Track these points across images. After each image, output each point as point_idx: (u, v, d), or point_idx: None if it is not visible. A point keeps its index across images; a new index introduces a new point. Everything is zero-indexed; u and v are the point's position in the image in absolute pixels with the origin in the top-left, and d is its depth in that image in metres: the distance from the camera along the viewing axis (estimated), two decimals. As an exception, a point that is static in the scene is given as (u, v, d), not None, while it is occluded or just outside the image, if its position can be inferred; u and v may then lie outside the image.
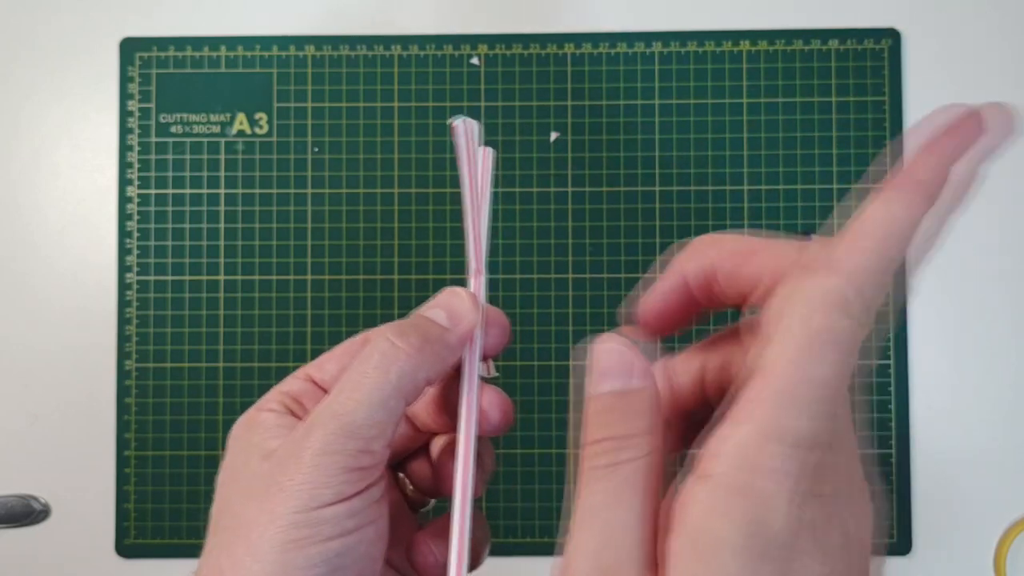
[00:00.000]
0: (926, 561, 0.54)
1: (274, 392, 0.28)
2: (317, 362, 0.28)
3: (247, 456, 0.26)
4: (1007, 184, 0.55)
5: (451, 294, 0.28)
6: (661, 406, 0.23)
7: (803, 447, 0.19)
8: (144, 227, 0.55)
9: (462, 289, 0.28)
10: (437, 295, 0.27)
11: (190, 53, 0.56)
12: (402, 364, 0.25)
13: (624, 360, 0.23)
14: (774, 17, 0.56)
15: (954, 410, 0.54)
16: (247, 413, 0.28)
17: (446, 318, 0.27)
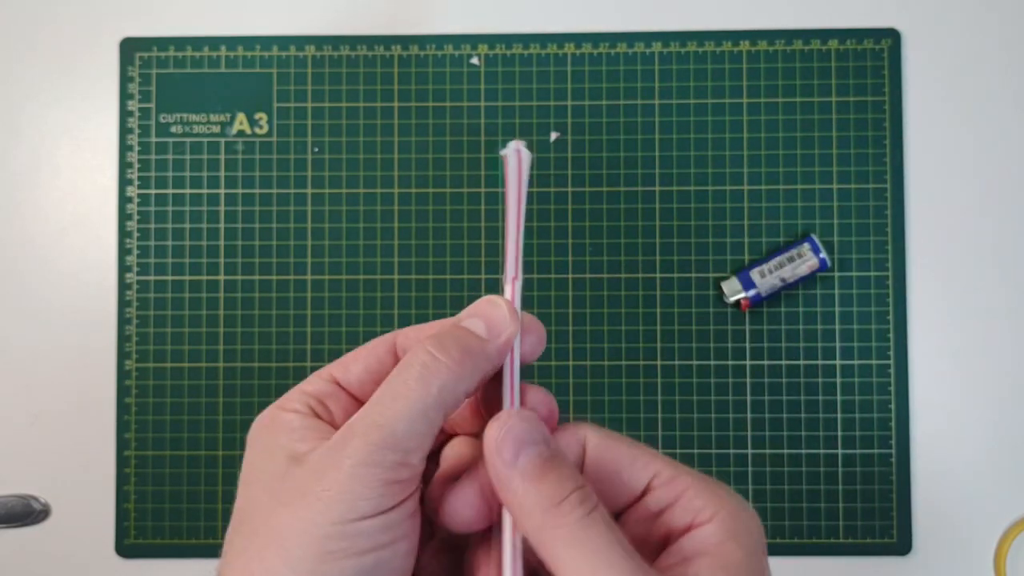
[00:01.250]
0: (926, 561, 0.54)
1: (296, 392, 0.27)
2: (341, 362, 0.28)
3: (272, 457, 0.25)
4: (1007, 184, 0.55)
5: (490, 304, 0.27)
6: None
7: None
8: (144, 227, 0.55)
9: (500, 298, 0.27)
10: (475, 303, 0.27)
11: (190, 53, 0.56)
12: (444, 377, 0.25)
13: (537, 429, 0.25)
14: (774, 17, 0.56)
15: (954, 410, 0.54)
16: (268, 411, 0.27)
17: (485, 329, 0.26)
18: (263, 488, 0.25)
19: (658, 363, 0.54)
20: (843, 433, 0.54)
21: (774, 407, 0.54)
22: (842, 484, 0.54)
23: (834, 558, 0.54)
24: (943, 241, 0.55)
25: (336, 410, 0.27)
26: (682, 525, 0.25)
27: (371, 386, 0.27)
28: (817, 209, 0.55)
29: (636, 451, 0.26)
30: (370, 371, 0.27)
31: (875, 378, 0.54)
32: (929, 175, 0.55)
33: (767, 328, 0.54)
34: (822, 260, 0.53)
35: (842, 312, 0.54)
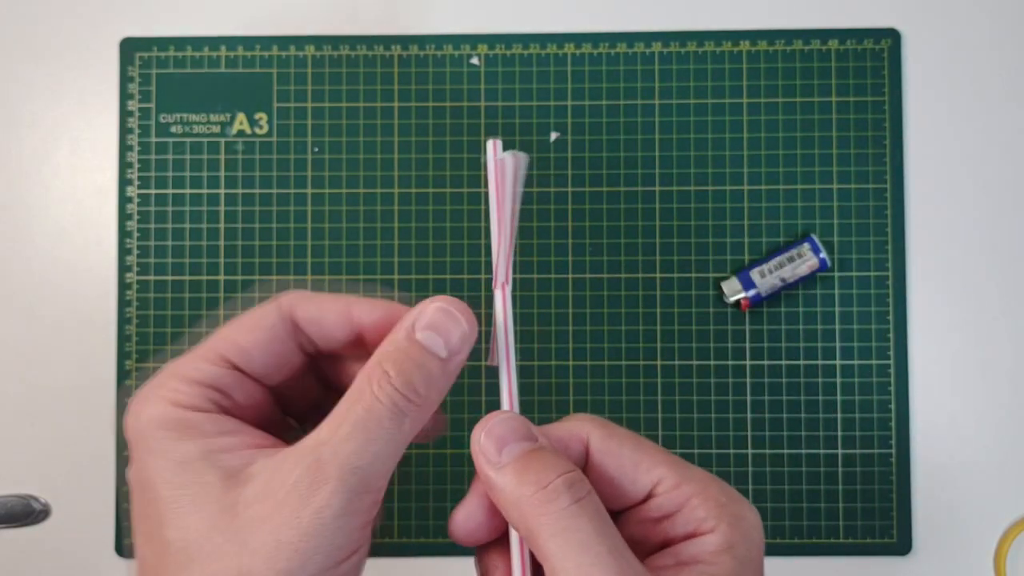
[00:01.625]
0: (926, 561, 0.54)
1: (187, 383, 0.25)
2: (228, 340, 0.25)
3: (196, 472, 0.23)
4: (1007, 184, 0.55)
5: (446, 315, 0.25)
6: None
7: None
8: (144, 227, 0.55)
9: (452, 306, 0.25)
10: (428, 311, 0.25)
11: (190, 53, 0.56)
12: (414, 415, 0.24)
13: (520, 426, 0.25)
14: (774, 17, 0.56)
15: (954, 410, 0.54)
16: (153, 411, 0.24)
17: (444, 347, 0.25)
18: (202, 520, 0.22)
19: (658, 363, 0.54)
20: (843, 433, 0.54)
21: (774, 407, 0.54)
22: (842, 484, 0.54)
23: (834, 558, 0.54)
24: (943, 241, 0.55)
25: (241, 398, 0.25)
26: (682, 534, 0.25)
27: (274, 368, 0.26)
28: (817, 209, 0.55)
29: (640, 455, 0.25)
30: (271, 351, 0.25)
31: (875, 378, 0.54)
32: (929, 175, 0.55)
33: (767, 328, 0.54)
34: (822, 260, 0.53)
35: (842, 312, 0.54)
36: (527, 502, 0.23)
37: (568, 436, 0.26)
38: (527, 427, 0.25)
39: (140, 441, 0.24)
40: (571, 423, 0.26)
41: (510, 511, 0.23)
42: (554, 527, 0.22)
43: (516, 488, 0.23)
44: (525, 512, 0.23)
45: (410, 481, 0.54)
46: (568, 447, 0.26)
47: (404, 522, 0.54)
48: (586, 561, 0.22)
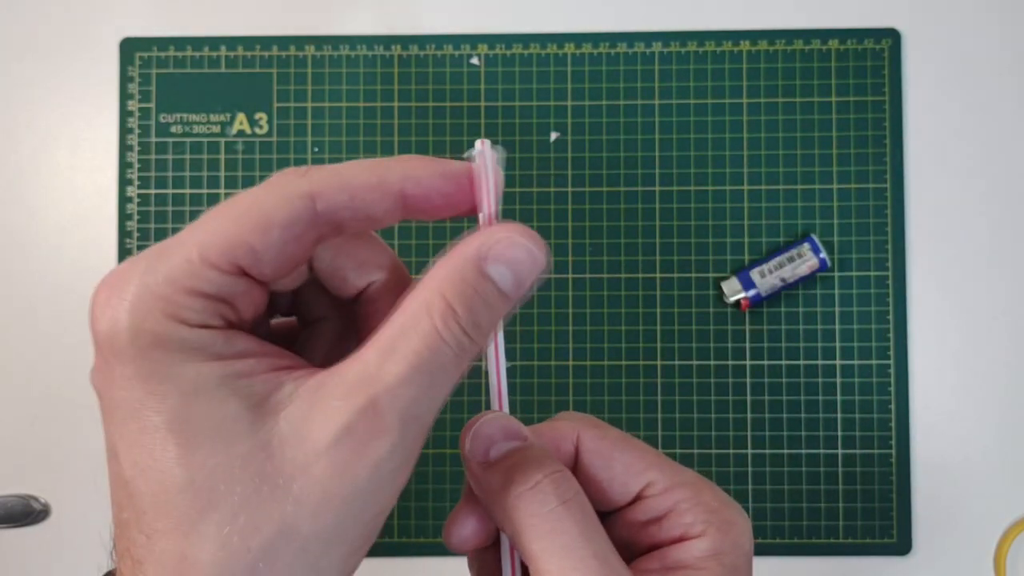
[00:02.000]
0: (926, 561, 0.54)
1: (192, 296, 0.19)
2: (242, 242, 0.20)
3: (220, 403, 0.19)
4: (1007, 184, 0.55)
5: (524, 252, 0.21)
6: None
7: None
8: (144, 227, 0.55)
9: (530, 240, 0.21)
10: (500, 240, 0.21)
11: (190, 53, 0.56)
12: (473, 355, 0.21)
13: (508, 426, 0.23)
14: (774, 17, 0.56)
15: (954, 410, 0.54)
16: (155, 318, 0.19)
17: (514, 287, 0.21)
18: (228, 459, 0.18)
19: (658, 363, 0.54)
20: (843, 433, 0.54)
21: (774, 407, 0.54)
22: (842, 484, 0.54)
23: (834, 558, 0.54)
24: (943, 241, 0.55)
25: (246, 311, 0.20)
26: (670, 538, 0.25)
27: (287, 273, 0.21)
28: (817, 209, 0.55)
29: (630, 456, 0.25)
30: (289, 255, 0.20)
31: (875, 378, 0.54)
32: (929, 175, 0.55)
33: (767, 328, 0.54)
34: (822, 260, 0.53)
35: (842, 312, 0.54)
36: (513, 502, 0.22)
37: (558, 436, 0.25)
38: (516, 426, 0.24)
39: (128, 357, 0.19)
40: (562, 423, 0.25)
41: (496, 511, 0.23)
42: (539, 529, 0.22)
43: (502, 487, 0.22)
44: (511, 512, 0.22)
45: (410, 481, 0.54)
46: (558, 447, 0.25)
47: (404, 522, 0.54)
48: (568, 565, 0.21)
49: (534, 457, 0.23)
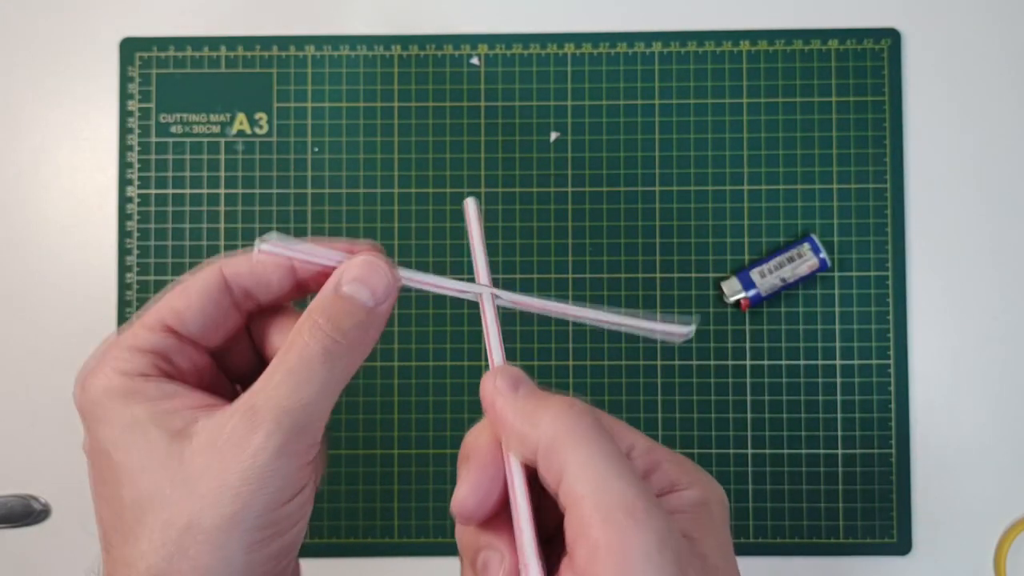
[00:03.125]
0: (926, 561, 0.54)
1: (130, 351, 0.26)
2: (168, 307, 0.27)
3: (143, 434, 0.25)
4: (1007, 184, 0.55)
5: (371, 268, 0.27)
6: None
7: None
8: (144, 227, 0.55)
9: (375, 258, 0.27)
10: (352, 263, 0.27)
11: (190, 53, 0.56)
12: (344, 358, 0.26)
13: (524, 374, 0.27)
14: (774, 17, 0.56)
15: (954, 410, 0.54)
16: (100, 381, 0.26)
17: (371, 296, 0.27)
18: (149, 472, 0.24)
19: (658, 363, 0.54)
20: (843, 433, 0.54)
21: (774, 407, 0.54)
22: (842, 484, 0.54)
23: (834, 558, 0.54)
24: (943, 241, 0.55)
25: (181, 363, 0.27)
26: (660, 490, 0.26)
27: (213, 331, 0.27)
28: (817, 209, 0.55)
29: (613, 423, 0.27)
30: (208, 315, 0.27)
31: (875, 378, 0.54)
32: (929, 175, 0.55)
33: (767, 328, 0.54)
34: (822, 260, 0.53)
35: (842, 312, 0.54)
36: (553, 418, 0.24)
37: None
38: (528, 376, 0.27)
39: (90, 411, 0.26)
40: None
41: (529, 432, 0.24)
42: (581, 438, 0.23)
43: (540, 408, 0.24)
44: (549, 428, 0.24)
45: (410, 481, 0.54)
46: None
47: (404, 522, 0.54)
48: (613, 473, 0.22)
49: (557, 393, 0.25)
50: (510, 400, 0.25)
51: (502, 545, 0.25)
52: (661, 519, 0.22)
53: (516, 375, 0.26)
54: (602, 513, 0.22)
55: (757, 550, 0.54)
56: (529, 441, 0.24)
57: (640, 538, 0.21)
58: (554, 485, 0.23)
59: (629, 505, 0.22)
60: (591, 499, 0.22)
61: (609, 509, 0.22)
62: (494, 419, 0.26)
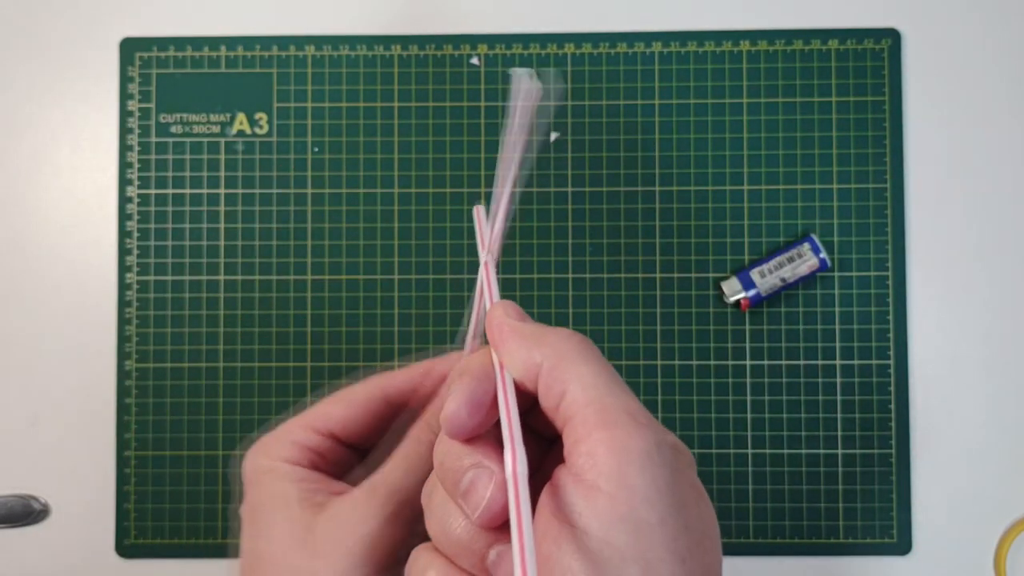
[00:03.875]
0: (926, 561, 0.54)
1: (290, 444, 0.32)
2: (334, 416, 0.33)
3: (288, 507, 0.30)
4: (1007, 184, 0.55)
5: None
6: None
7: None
8: (144, 227, 0.55)
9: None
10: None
11: (190, 53, 0.56)
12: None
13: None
14: (774, 17, 0.56)
15: (954, 410, 0.54)
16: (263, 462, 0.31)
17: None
18: (286, 535, 0.29)
19: (658, 363, 0.54)
20: (843, 433, 0.54)
21: (774, 407, 0.54)
22: (842, 484, 0.54)
23: (834, 558, 0.54)
24: (943, 241, 0.55)
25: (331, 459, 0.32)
26: None
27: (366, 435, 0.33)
28: (817, 209, 0.55)
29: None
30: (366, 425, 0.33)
31: (875, 378, 0.54)
32: (929, 175, 0.55)
33: (767, 328, 0.54)
34: (822, 260, 0.53)
35: (842, 312, 0.54)
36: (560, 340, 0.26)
37: None
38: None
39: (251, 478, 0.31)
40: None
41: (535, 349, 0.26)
42: (589, 356, 0.26)
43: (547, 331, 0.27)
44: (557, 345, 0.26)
45: (410, 481, 0.54)
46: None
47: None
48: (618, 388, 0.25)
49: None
50: (519, 325, 0.27)
51: (491, 462, 0.25)
52: (660, 428, 0.24)
53: (521, 310, 0.29)
54: (606, 416, 0.23)
55: (757, 550, 0.54)
56: (534, 360, 0.26)
57: (641, 436, 0.23)
58: (556, 400, 0.25)
59: (631, 410, 0.24)
60: (595, 405, 0.24)
61: (612, 412, 0.24)
62: (499, 342, 0.27)
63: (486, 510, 0.24)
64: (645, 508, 0.22)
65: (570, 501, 0.23)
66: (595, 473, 0.22)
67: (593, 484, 0.22)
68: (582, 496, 0.22)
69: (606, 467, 0.22)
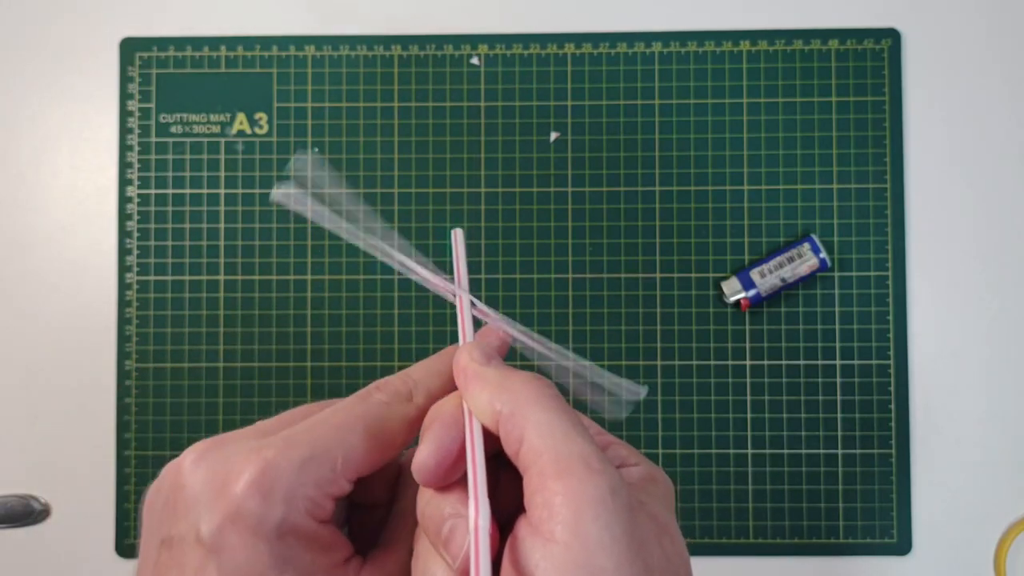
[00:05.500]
0: (926, 561, 0.54)
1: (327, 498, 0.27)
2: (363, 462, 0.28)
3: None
4: (1007, 184, 0.55)
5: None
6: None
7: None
8: (144, 227, 0.55)
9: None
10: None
11: (190, 53, 0.56)
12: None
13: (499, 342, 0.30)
14: (774, 17, 0.56)
15: (954, 410, 0.54)
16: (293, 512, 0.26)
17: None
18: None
19: (658, 363, 0.54)
20: (843, 433, 0.54)
21: (774, 407, 0.54)
22: (842, 484, 0.54)
23: (834, 558, 0.54)
24: (943, 241, 0.55)
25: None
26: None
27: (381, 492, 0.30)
28: (817, 209, 0.55)
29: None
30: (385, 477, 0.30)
31: (875, 378, 0.54)
32: (929, 175, 0.55)
33: (767, 328, 0.54)
34: (822, 260, 0.53)
35: (842, 312, 0.54)
36: (522, 385, 0.26)
37: None
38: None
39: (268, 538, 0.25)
40: None
41: (498, 396, 0.26)
42: (547, 403, 0.25)
43: (510, 376, 0.26)
44: (517, 393, 0.25)
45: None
46: None
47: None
48: (574, 433, 0.24)
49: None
50: (482, 370, 0.27)
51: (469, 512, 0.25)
52: (614, 472, 0.24)
53: (489, 351, 0.28)
54: (560, 464, 0.23)
55: (757, 550, 0.54)
56: (496, 405, 0.26)
57: (594, 483, 0.23)
58: (515, 447, 0.25)
59: (586, 457, 0.23)
60: (550, 453, 0.23)
61: (567, 460, 0.23)
62: (464, 386, 0.27)
63: (465, 559, 0.24)
64: (601, 555, 0.22)
65: (528, 552, 0.23)
66: (551, 523, 0.23)
67: (549, 535, 0.23)
68: (540, 547, 0.23)
69: (561, 516, 0.22)
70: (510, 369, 0.27)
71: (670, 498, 0.28)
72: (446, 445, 0.26)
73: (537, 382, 0.26)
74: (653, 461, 0.30)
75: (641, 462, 0.28)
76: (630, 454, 0.29)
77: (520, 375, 0.26)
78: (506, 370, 0.27)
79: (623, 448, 0.29)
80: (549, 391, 0.26)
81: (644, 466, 0.28)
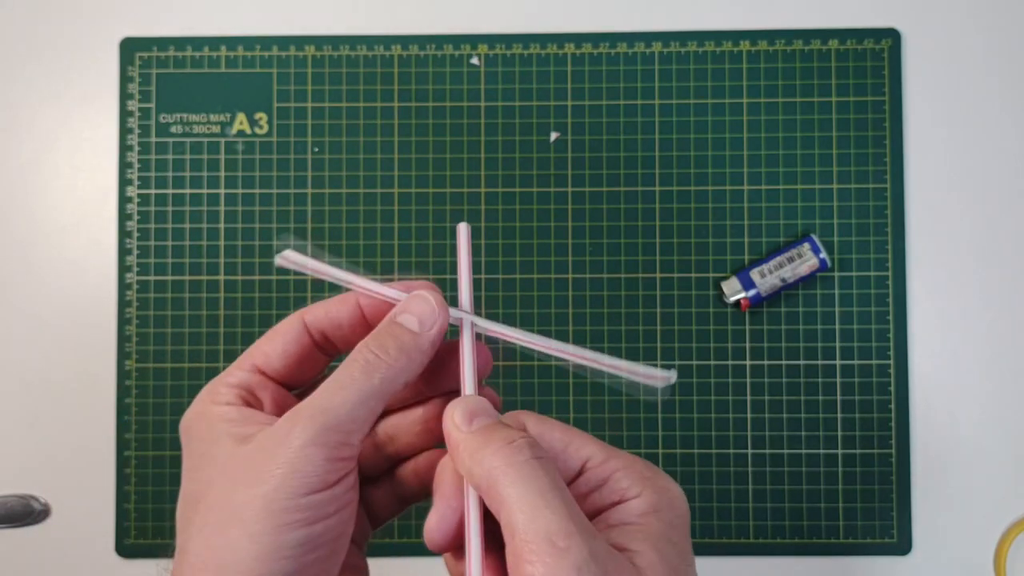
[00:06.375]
0: (926, 561, 0.54)
1: (223, 386, 0.30)
2: (258, 350, 0.31)
3: (217, 442, 0.28)
4: (1006, 184, 0.55)
5: (420, 300, 0.30)
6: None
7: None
8: (144, 227, 0.55)
9: (428, 293, 0.30)
10: (407, 299, 0.30)
11: (190, 53, 0.56)
12: (383, 371, 0.28)
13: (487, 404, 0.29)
14: (774, 17, 0.56)
15: (954, 410, 0.54)
16: (197, 408, 0.30)
17: (417, 324, 0.29)
18: (216, 470, 0.28)
19: (658, 363, 0.54)
20: (843, 433, 0.54)
21: (774, 407, 0.54)
22: (842, 484, 0.54)
23: (834, 558, 0.54)
24: (943, 241, 0.55)
25: (264, 397, 0.31)
26: (610, 501, 0.28)
27: (294, 369, 0.31)
28: (817, 209, 0.55)
29: (570, 436, 0.29)
30: (289, 354, 0.31)
31: (875, 378, 0.54)
32: (929, 175, 0.55)
33: (767, 328, 0.54)
34: (822, 260, 0.53)
35: (842, 312, 0.54)
36: (492, 456, 0.26)
37: (510, 421, 0.29)
38: (491, 408, 0.29)
39: (184, 430, 0.30)
40: (508, 414, 0.30)
41: (474, 468, 0.26)
42: (516, 475, 0.25)
43: (483, 445, 0.26)
44: (489, 465, 0.26)
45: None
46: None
47: (404, 522, 0.54)
48: (542, 505, 0.24)
49: (508, 426, 0.28)
50: (462, 436, 0.27)
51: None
52: (580, 547, 0.24)
53: (474, 408, 0.28)
54: (530, 545, 0.24)
55: (757, 550, 0.54)
56: (474, 478, 0.27)
57: (559, 567, 0.23)
58: (498, 518, 0.25)
59: (552, 535, 0.24)
60: (520, 532, 0.24)
61: (536, 540, 0.24)
62: (450, 453, 0.28)
63: None
64: None
65: None
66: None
67: None
68: None
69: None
70: (489, 431, 0.27)
71: (680, 524, 0.27)
72: (447, 518, 0.28)
73: (509, 449, 0.26)
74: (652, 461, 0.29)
75: (645, 490, 0.28)
76: (634, 482, 0.28)
77: (494, 441, 0.26)
78: (483, 435, 0.27)
79: (626, 476, 0.28)
80: (520, 458, 0.26)
81: (647, 496, 0.27)
